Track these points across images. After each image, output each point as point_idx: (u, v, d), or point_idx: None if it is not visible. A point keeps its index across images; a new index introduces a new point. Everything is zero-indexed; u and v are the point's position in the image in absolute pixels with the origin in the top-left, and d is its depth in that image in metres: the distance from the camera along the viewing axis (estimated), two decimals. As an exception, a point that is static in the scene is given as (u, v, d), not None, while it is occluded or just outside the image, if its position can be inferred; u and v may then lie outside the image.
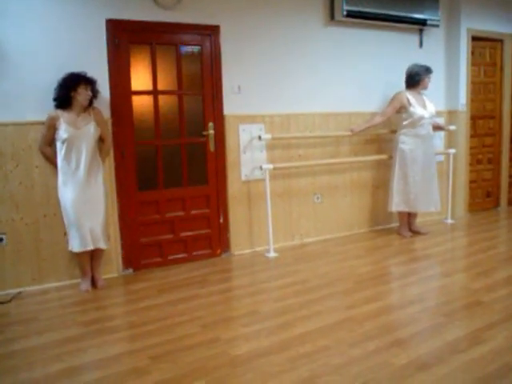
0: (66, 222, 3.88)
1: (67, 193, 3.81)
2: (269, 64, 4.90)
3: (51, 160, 3.94)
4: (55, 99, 3.83)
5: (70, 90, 3.78)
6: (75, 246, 3.85)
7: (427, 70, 5.26)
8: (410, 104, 5.16)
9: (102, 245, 3.96)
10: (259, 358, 2.76)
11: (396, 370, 2.58)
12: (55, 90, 3.81)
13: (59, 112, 3.82)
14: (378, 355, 2.74)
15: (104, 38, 4.11)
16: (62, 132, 3.77)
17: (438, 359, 2.68)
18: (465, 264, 4.48)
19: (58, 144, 3.83)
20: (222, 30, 4.60)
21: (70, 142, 3.78)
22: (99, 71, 4.05)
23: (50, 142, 3.90)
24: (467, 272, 4.21)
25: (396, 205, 5.31)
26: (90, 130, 3.87)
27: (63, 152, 3.80)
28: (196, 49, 4.57)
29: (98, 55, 4.10)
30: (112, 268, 4.32)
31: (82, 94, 3.78)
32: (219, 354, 2.82)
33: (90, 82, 3.82)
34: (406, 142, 5.22)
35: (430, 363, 2.63)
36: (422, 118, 5.17)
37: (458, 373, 2.55)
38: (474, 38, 6.15)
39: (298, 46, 5.05)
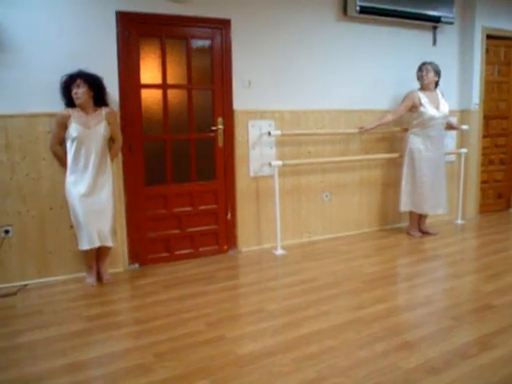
0: (73, 220, 3.83)
1: (75, 192, 3.76)
2: (280, 59, 4.84)
3: (62, 159, 3.88)
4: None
5: (66, 92, 3.77)
6: (84, 244, 3.81)
7: (421, 65, 5.18)
8: (421, 104, 5.09)
9: (109, 243, 3.92)
10: (265, 357, 2.72)
11: (404, 373, 2.53)
12: None
13: (70, 110, 3.78)
14: (386, 358, 2.70)
15: (114, 30, 4.07)
16: (72, 130, 3.72)
17: (446, 364, 2.63)
18: (475, 266, 4.40)
19: (68, 143, 3.79)
20: (233, 24, 4.55)
21: (79, 141, 3.74)
22: (108, 63, 4.03)
23: (60, 141, 3.85)
24: (478, 274, 4.15)
25: (404, 205, 5.27)
26: (100, 130, 3.82)
27: (72, 151, 3.76)
28: (206, 43, 4.52)
29: (107, 47, 4.06)
30: (118, 263, 4.29)
31: (73, 95, 3.75)
32: (225, 353, 2.78)
33: (76, 79, 3.71)
34: (415, 142, 5.16)
35: (438, 368, 2.59)
36: (432, 118, 5.09)
37: (468, 379, 2.49)
38: (489, 37, 6.06)
39: (309, 41, 4.99)
